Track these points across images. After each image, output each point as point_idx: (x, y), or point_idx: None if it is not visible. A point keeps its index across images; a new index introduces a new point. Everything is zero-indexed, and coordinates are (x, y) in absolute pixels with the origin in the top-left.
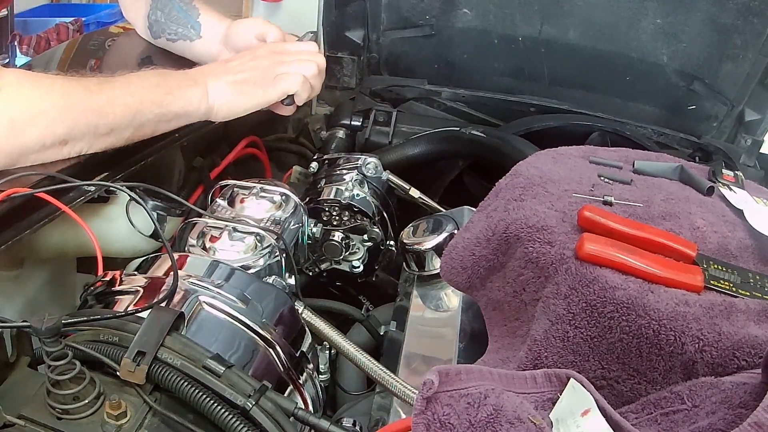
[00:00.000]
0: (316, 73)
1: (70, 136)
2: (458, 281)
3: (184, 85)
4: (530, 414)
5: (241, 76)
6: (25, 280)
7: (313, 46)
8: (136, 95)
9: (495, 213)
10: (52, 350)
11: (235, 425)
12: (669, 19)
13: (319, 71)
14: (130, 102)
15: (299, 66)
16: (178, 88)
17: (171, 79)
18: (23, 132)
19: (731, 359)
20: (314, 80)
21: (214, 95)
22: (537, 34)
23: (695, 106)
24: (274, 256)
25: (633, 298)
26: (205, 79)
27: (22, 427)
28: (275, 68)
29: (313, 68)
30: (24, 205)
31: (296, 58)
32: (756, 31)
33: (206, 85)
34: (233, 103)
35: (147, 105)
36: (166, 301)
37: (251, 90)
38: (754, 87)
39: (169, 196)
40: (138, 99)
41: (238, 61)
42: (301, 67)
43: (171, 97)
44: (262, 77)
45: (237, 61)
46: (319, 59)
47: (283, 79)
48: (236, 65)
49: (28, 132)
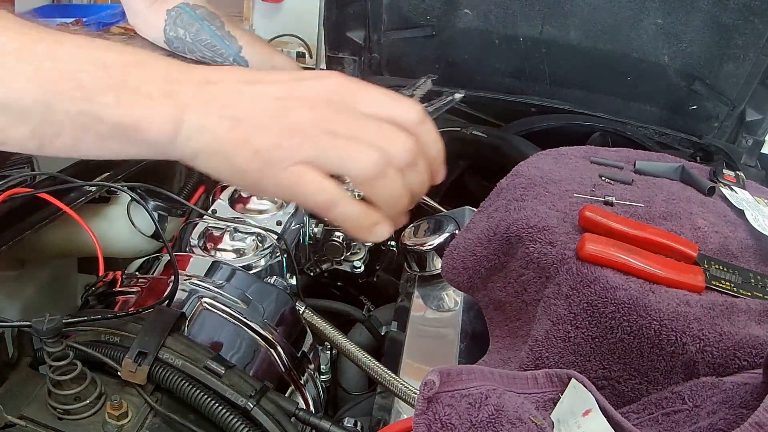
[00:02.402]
0: (408, 160)
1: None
2: (459, 281)
3: (142, 92)
4: (531, 414)
5: (244, 123)
6: (27, 280)
7: (416, 111)
8: (57, 67)
9: (496, 213)
10: (54, 350)
11: (236, 425)
12: (670, 19)
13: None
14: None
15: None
16: (133, 94)
17: (122, 72)
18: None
19: (732, 359)
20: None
21: (191, 122)
22: (538, 35)
23: (696, 107)
24: (276, 257)
25: (634, 298)
26: (183, 94)
27: (23, 428)
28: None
29: (402, 151)
30: (25, 205)
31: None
32: (757, 31)
33: (183, 101)
34: (214, 153)
35: (68, 91)
36: (167, 302)
37: (243, 156)
38: (755, 87)
39: (170, 196)
40: (57, 73)
41: (263, 89)
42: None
43: (112, 98)
44: (273, 147)
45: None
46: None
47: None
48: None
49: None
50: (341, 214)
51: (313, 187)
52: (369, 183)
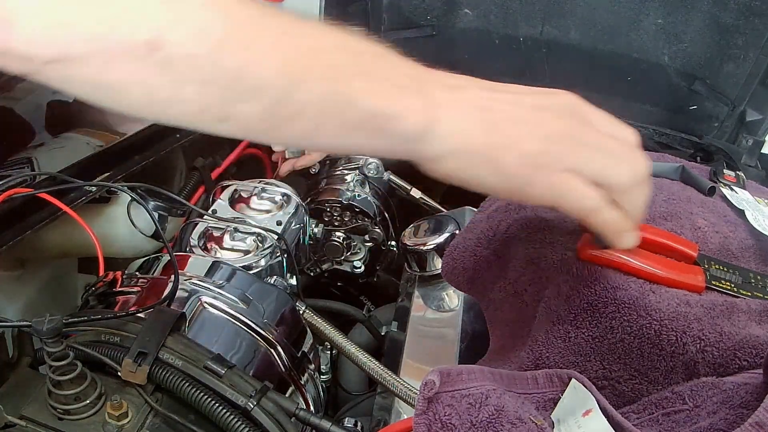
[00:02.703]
0: (646, 176)
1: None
2: (459, 282)
3: (393, 83)
4: (532, 414)
5: (506, 126)
6: (27, 280)
7: (634, 134)
8: (300, 43)
9: (496, 213)
10: (54, 350)
11: (236, 426)
12: (670, 19)
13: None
14: (287, 44)
15: (607, 170)
16: (383, 83)
17: (371, 60)
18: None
19: (732, 359)
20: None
21: (446, 121)
22: (538, 35)
23: (696, 107)
24: (276, 257)
25: (634, 298)
26: (435, 92)
27: (23, 428)
28: (565, 151)
29: (644, 167)
30: (25, 205)
31: (603, 150)
32: (758, 31)
33: (436, 100)
34: (471, 155)
35: (317, 69)
36: (167, 302)
37: (509, 159)
38: (755, 87)
39: (170, 196)
40: (301, 49)
41: (507, 97)
42: (611, 174)
43: (364, 84)
44: (541, 152)
45: (503, 96)
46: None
47: (571, 188)
48: (501, 99)
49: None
50: (603, 220)
51: (580, 193)
52: (626, 192)
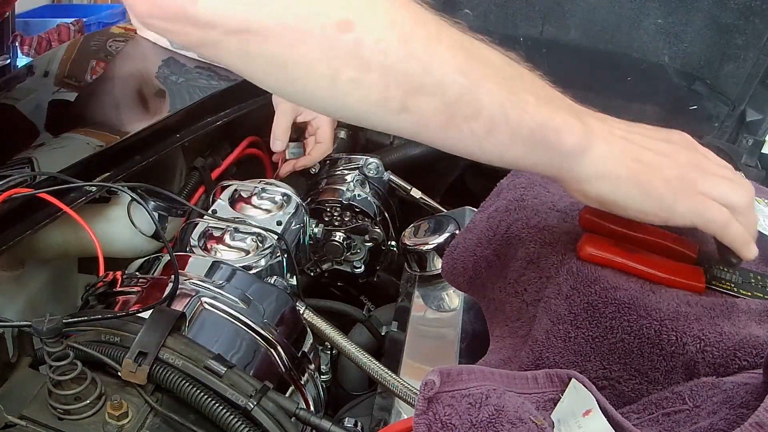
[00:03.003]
0: (749, 204)
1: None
2: (459, 281)
3: (555, 104)
4: (532, 414)
5: (648, 155)
6: (27, 280)
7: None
8: (474, 53)
9: (496, 213)
10: (54, 350)
11: (236, 425)
12: (670, 19)
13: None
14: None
15: (730, 192)
16: (548, 102)
17: (532, 80)
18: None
19: (732, 359)
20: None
21: (599, 145)
22: (538, 35)
23: (696, 107)
24: (276, 257)
25: (634, 298)
26: (588, 119)
27: (23, 428)
28: (696, 177)
29: (744, 203)
30: (25, 206)
31: (724, 177)
32: (757, 31)
33: (590, 125)
34: (622, 179)
35: (492, 76)
36: (167, 302)
37: (656, 183)
38: (755, 87)
39: (170, 196)
40: (476, 57)
41: (639, 131)
42: (733, 196)
43: (533, 99)
44: (679, 178)
45: (635, 129)
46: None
47: (708, 207)
48: (636, 132)
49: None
50: (734, 232)
51: (716, 211)
52: (744, 211)
